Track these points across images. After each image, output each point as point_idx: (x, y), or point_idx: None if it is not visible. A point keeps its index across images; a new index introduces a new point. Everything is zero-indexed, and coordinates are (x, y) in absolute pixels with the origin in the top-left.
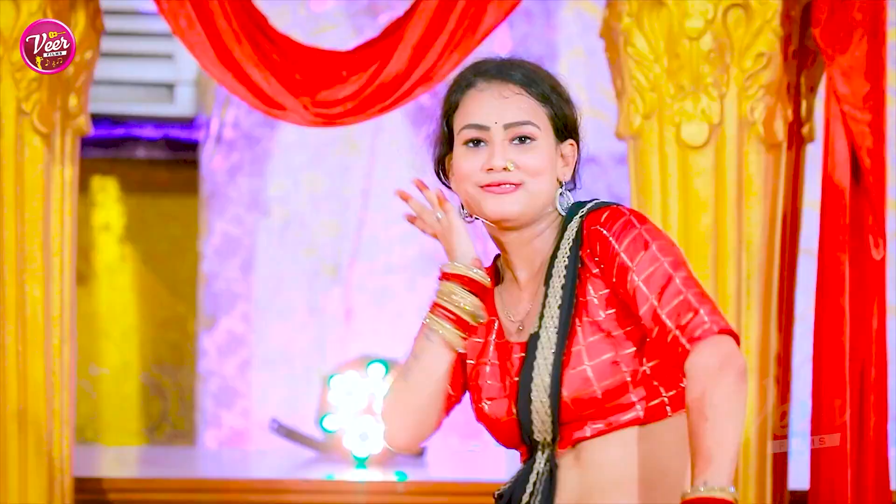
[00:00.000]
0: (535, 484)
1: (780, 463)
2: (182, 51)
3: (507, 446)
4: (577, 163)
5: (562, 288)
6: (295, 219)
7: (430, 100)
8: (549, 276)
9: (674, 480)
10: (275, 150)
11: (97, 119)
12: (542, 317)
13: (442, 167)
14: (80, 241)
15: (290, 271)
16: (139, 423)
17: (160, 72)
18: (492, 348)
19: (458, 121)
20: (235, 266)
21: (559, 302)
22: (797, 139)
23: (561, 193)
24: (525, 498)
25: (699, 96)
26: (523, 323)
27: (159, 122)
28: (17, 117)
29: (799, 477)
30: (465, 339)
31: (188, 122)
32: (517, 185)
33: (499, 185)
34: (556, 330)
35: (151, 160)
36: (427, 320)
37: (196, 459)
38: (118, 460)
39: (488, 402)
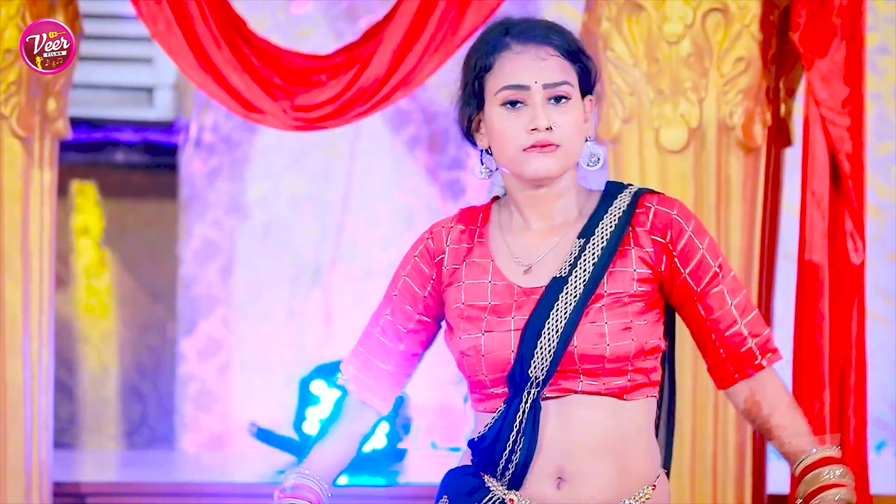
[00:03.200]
0: (520, 422)
1: (759, 466)
2: (161, 55)
3: (487, 383)
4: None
5: (601, 249)
6: (274, 223)
7: (409, 103)
8: (589, 232)
9: (635, 452)
10: (254, 153)
11: (76, 123)
12: (573, 266)
13: (469, 125)
14: (59, 245)
15: (270, 275)
16: (118, 426)
17: (139, 75)
18: (489, 289)
19: (494, 81)
20: (215, 270)
21: (595, 259)
22: (776, 143)
23: (594, 147)
24: (511, 436)
25: (678, 100)
26: (533, 267)
27: (138, 125)
28: None
29: (778, 480)
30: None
31: (167, 126)
32: (558, 146)
33: (543, 146)
34: (585, 283)
35: (130, 164)
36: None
37: (175, 463)
38: (97, 464)
39: (487, 335)
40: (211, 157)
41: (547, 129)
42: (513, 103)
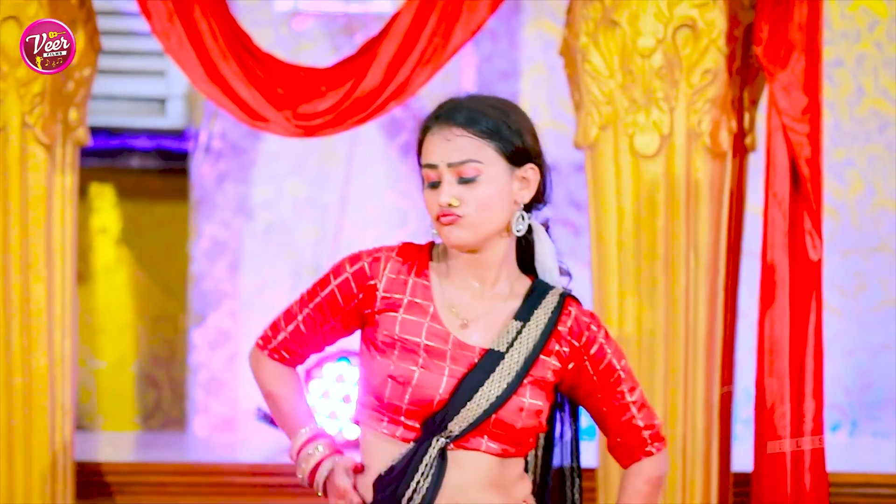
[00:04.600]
0: (427, 466)
1: (725, 446)
2: (173, 68)
3: (402, 411)
4: (543, 182)
5: (536, 338)
6: (278, 223)
7: (402, 112)
8: (525, 317)
9: (513, 483)
10: (259, 159)
11: (95, 131)
12: (510, 346)
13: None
14: (80, 244)
15: (274, 272)
16: (134, 411)
17: (153, 87)
18: (425, 329)
19: (421, 160)
20: (223, 267)
21: (531, 346)
22: (741, 149)
23: (521, 215)
24: (416, 477)
25: (651, 109)
26: (469, 324)
27: (152, 133)
28: (21, 130)
29: (742, 460)
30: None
31: (179, 134)
32: (461, 217)
33: (446, 215)
34: (520, 365)
35: (145, 169)
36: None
37: (187, 445)
38: (115, 446)
39: (422, 371)
40: (219, 163)
41: (449, 204)
42: (432, 181)
